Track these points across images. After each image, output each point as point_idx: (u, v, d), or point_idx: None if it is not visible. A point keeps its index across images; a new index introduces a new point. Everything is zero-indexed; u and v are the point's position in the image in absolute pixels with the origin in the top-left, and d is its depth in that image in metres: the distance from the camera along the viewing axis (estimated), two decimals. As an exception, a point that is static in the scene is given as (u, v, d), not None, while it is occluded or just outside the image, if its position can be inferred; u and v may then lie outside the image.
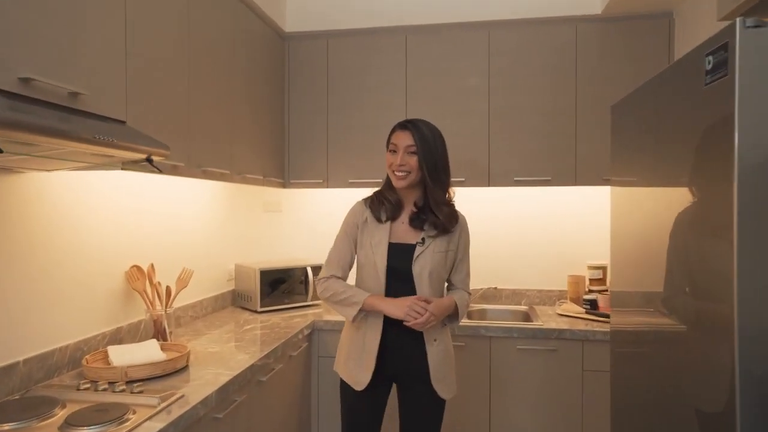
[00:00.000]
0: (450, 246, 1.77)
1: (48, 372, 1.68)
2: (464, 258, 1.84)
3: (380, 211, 1.76)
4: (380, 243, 1.74)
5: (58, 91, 1.29)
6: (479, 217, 3.07)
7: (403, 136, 1.71)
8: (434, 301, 1.69)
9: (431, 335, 1.74)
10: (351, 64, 2.89)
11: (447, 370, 1.78)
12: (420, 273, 1.72)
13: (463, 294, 1.83)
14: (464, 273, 1.85)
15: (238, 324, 2.51)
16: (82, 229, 1.84)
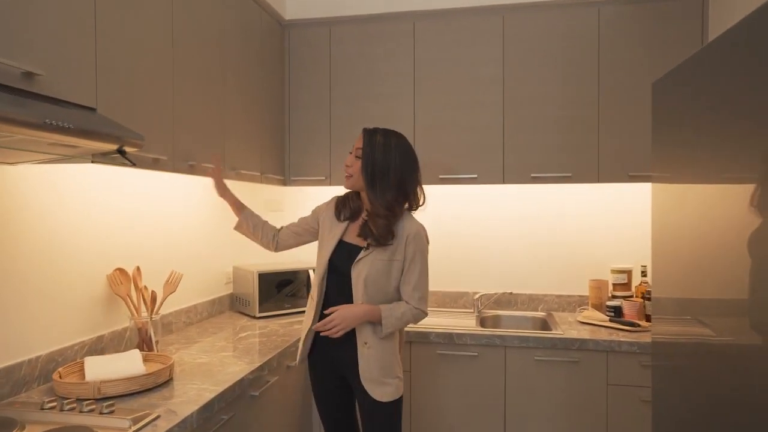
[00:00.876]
0: (395, 255, 1.74)
1: (15, 387, 1.52)
2: (412, 270, 1.75)
3: (340, 212, 1.81)
4: (332, 239, 1.80)
5: (7, 70, 1.12)
6: (493, 216, 2.87)
7: (359, 139, 1.74)
8: (341, 308, 1.70)
9: (362, 338, 1.74)
10: (355, 54, 2.70)
11: (379, 373, 1.74)
12: (357, 277, 1.73)
13: (399, 306, 1.75)
14: (411, 285, 1.75)
15: (234, 331, 2.34)
16: (56, 229, 1.68)
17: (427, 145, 2.62)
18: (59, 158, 1.38)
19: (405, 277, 1.75)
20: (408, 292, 1.76)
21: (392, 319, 1.72)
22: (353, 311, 1.70)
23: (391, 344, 1.79)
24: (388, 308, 1.72)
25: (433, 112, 2.62)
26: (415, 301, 1.76)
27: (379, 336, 1.73)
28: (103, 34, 1.43)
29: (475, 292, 2.85)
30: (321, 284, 1.80)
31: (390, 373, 1.76)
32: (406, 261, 1.74)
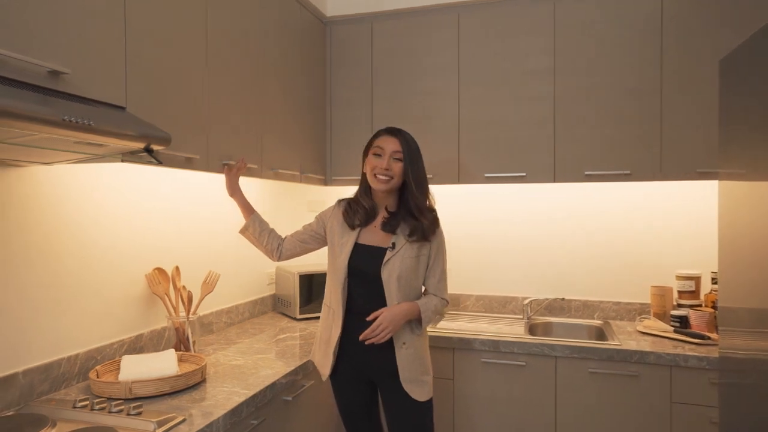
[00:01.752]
0: (422, 251, 1.75)
1: (54, 384, 1.54)
2: (437, 262, 1.79)
3: (353, 219, 1.77)
4: (347, 243, 1.75)
5: (33, 69, 1.12)
6: (544, 217, 2.71)
7: (391, 142, 1.72)
8: (385, 311, 1.66)
9: (400, 339, 1.72)
10: (397, 49, 2.62)
11: (418, 372, 1.73)
12: (389, 278, 1.70)
13: (431, 299, 1.77)
14: (437, 278, 1.79)
15: (273, 332, 2.31)
16: (97, 228, 1.71)
17: (472, 143, 2.50)
18: (90, 157, 1.38)
19: (431, 271, 1.78)
20: (434, 284, 1.79)
21: (429, 312, 1.73)
22: (397, 312, 1.67)
23: (423, 340, 1.79)
24: (423, 302, 1.73)
25: (479, 108, 2.50)
26: (441, 292, 1.80)
27: (417, 333, 1.74)
28: (134, 31, 1.42)
29: (524, 298, 2.69)
30: (342, 292, 1.73)
31: (426, 370, 1.76)
32: (431, 257, 1.77)
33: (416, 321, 1.72)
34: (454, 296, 2.83)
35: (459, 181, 2.52)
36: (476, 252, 2.81)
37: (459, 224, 2.84)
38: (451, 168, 2.53)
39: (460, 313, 2.78)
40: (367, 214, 1.76)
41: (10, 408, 1.41)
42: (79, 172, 1.63)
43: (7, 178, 1.42)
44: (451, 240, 2.85)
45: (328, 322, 1.79)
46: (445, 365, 2.28)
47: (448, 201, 2.84)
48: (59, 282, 1.57)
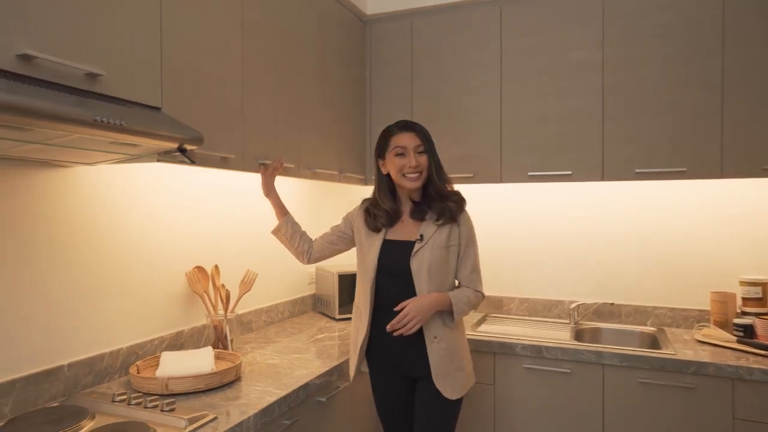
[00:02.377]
0: (451, 240, 1.69)
1: (97, 377, 1.59)
2: (468, 252, 1.73)
3: (376, 223, 1.73)
4: (375, 241, 1.72)
5: (70, 72, 1.15)
6: (591, 216, 2.58)
7: (409, 138, 1.70)
8: (411, 301, 1.61)
9: (431, 332, 1.66)
10: (437, 46, 2.57)
11: (450, 369, 1.67)
12: (419, 270, 1.65)
13: (464, 290, 1.71)
14: (469, 268, 1.73)
15: (312, 332, 2.31)
16: (139, 227, 1.75)
17: (515, 140, 2.42)
18: (128, 158, 1.41)
19: (462, 261, 1.72)
20: (467, 275, 1.72)
21: (461, 304, 1.66)
22: (425, 302, 1.62)
23: (458, 333, 1.73)
24: (455, 294, 1.67)
25: (522, 104, 2.40)
26: (475, 283, 1.73)
27: (449, 326, 1.68)
28: (170, 32, 1.45)
29: (571, 301, 2.57)
30: (370, 290, 1.71)
31: (460, 366, 1.70)
32: (461, 245, 1.71)
33: (448, 313, 1.66)
34: (495, 299, 2.75)
35: (501, 180, 2.44)
36: (519, 253, 2.71)
37: (501, 224, 2.75)
38: (492, 166, 2.45)
39: (502, 317, 2.69)
40: (390, 216, 1.72)
41: (56, 399, 1.47)
42: (121, 172, 1.68)
43: (52, 179, 1.47)
44: (492, 240, 2.79)
45: (356, 324, 1.78)
46: (485, 370, 2.20)
47: (490, 199, 2.76)
48: (103, 279, 1.63)
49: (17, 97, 0.96)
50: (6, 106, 0.94)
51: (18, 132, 1.02)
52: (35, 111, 0.98)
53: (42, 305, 1.45)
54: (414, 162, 1.67)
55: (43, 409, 1.38)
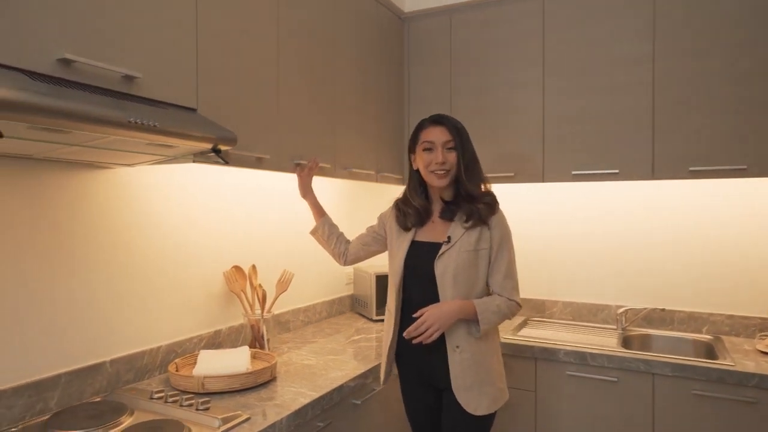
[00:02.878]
0: (481, 243, 1.56)
1: (138, 374, 1.63)
2: (501, 256, 1.59)
3: (405, 222, 1.66)
4: (404, 242, 1.65)
5: (107, 75, 1.17)
6: (639, 217, 2.45)
7: (439, 132, 1.59)
8: (430, 307, 1.51)
9: (453, 341, 1.55)
10: (477, 42, 2.50)
11: (475, 382, 1.54)
12: (443, 273, 1.55)
13: (494, 299, 1.57)
14: (502, 274, 1.58)
15: (349, 333, 2.30)
16: (177, 227, 1.78)
17: (558, 137, 2.32)
18: (165, 159, 1.43)
19: (494, 266, 1.58)
20: (499, 282, 1.58)
21: (488, 313, 1.52)
22: (445, 309, 1.51)
23: (488, 345, 1.58)
24: (482, 302, 1.54)
25: (565, 100, 2.31)
26: (508, 291, 1.57)
27: (475, 336, 1.54)
28: (205, 34, 1.46)
29: (618, 306, 2.45)
30: (398, 293, 1.63)
31: (487, 380, 1.55)
32: (492, 249, 1.57)
33: (475, 323, 1.54)
34: (537, 302, 2.65)
35: (543, 179, 2.35)
36: (563, 254, 2.61)
37: (543, 224, 2.65)
38: (534, 165, 2.37)
39: (544, 320, 2.60)
40: (420, 215, 1.64)
41: (98, 394, 1.51)
42: (160, 173, 1.71)
43: (96, 180, 1.51)
44: (534, 240, 2.70)
45: (386, 326, 1.72)
46: (526, 376, 2.13)
47: (532, 198, 2.67)
48: (143, 278, 1.66)
49: (59, 101, 0.98)
50: (48, 110, 0.96)
51: (57, 134, 1.05)
52: (76, 114, 1.00)
53: (86, 303, 1.49)
54: (440, 158, 1.56)
55: (86, 404, 1.42)
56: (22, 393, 1.33)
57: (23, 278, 1.34)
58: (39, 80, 1.03)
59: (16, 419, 1.32)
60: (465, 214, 1.57)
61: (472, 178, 1.58)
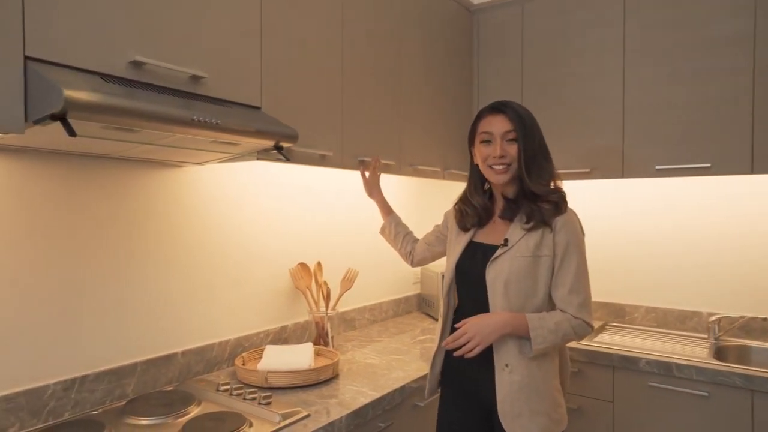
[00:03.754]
0: (542, 250, 1.35)
1: (207, 365, 1.69)
2: (566, 266, 1.35)
3: (464, 221, 1.51)
4: (460, 242, 1.50)
5: (175, 75, 1.21)
6: (733, 214, 2.22)
7: (498, 122, 1.39)
8: (474, 318, 1.34)
9: (501, 359, 1.35)
10: (550, 31, 2.37)
11: (525, 410, 1.32)
12: (494, 280, 1.37)
13: (553, 315, 1.34)
14: (567, 287, 1.34)
15: (414, 333, 2.26)
16: (246, 224, 1.83)
17: (639, 130, 2.15)
18: (230, 157, 1.47)
19: (558, 277, 1.35)
20: (563, 296, 1.35)
21: (543, 330, 1.30)
22: (489, 321, 1.32)
23: (544, 367, 1.36)
24: (537, 317, 1.33)
25: (648, 89, 2.13)
26: (574, 308, 1.33)
27: (527, 355, 1.33)
28: (270, 33, 1.48)
29: (710, 314, 2.23)
30: (447, 297, 1.50)
31: (540, 409, 1.33)
32: (556, 257, 1.35)
33: (528, 340, 1.32)
34: (616, 306, 2.48)
35: (623, 175, 2.19)
36: (647, 255, 2.42)
37: (623, 221, 2.47)
38: (613, 160, 2.21)
39: (624, 326, 2.41)
40: (480, 214, 1.47)
41: (171, 383, 1.58)
42: (228, 171, 1.76)
43: (168, 178, 1.58)
44: (614, 240, 2.52)
45: (437, 332, 1.56)
46: (603, 385, 1.99)
47: (610, 194, 2.50)
48: (213, 273, 1.72)
49: (130, 102, 1.02)
50: (119, 110, 1.00)
51: (127, 133, 1.09)
52: (145, 113, 1.04)
53: (161, 296, 1.56)
54: (499, 152, 1.37)
55: (158, 392, 1.49)
56: (103, 379, 1.41)
57: (104, 272, 1.43)
58: (112, 82, 1.08)
59: (98, 403, 1.40)
60: (525, 215, 1.38)
61: (537, 174, 1.37)
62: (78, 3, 1.04)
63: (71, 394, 1.34)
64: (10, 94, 0.94)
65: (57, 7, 1.01)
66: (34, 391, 1.27)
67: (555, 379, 1.39)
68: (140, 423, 1.29)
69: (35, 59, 0.98)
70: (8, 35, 0.94)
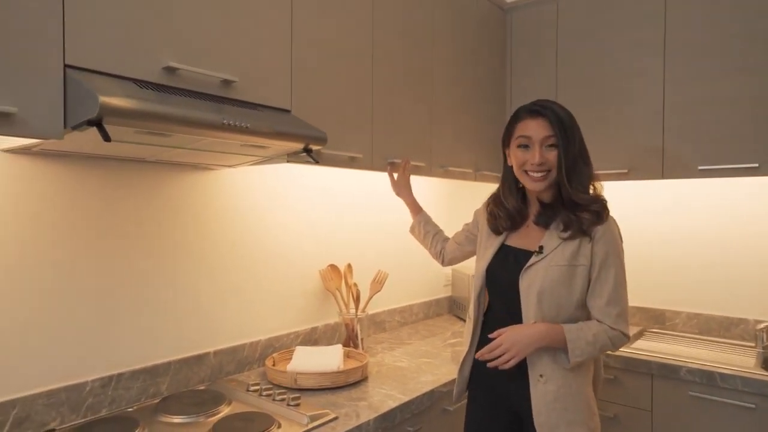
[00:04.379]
0: (579, 259, 1.30)
1: (239, 365, 1.71)
2: (604, 276, 1.30)
3: (496, 224, 1.45)
4: (492, 245, 1.45)
5: (207, 80, 1.24)
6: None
7: (537, 126, 1.32)
8: (509, 329, 1.30)
9: (536, 369, 1.32)
10: (586, 29, 2.31)
11: (562, 420, 1.29)
12: (527, 289, 1.32)
13: (591, 326, 1.30)
14: (604, 298, 1.30)
15: (445, 336, 2.24)
16: (276, 226, 1.85)
17: (681, 129, 2.07)
18: (261, 159, 1.48)
19: (595, 288, 1.31)
20: (600, 307, 1.30)
21: (581, 342, 1.27)
22: (526, 333, 1.28)
23: (580, 376, 1.32)
24: (575, 328, 1.29)
25: (691, 86, 2.05)
26: (612, 319, 1.29)
27: (563, 366, 1.30)
28: (299, 36, 1.49)
29: (758, 321, 2.12)
30: (477, 300, 1.45)
31: (577, 419, 1.29)
32: (594, 266, 1.30)
33: (563, 351, 1.29)
34: (656, 311, 2.39)
35: (663, 176, 2.11)
36: (688, 258, 2.32)
37: (663, 223, 2.38)
38: (653, 160, 2.13)
39: (664, 333, 2.32)
40: (513, 218, 1.42)
41: (203, 382, 1.61)
42: (260, 174, 1.78)
43: (201, 181, 1.61)
44: (654, 243, 2.43)
45: (466, 337, 1.51)
46: (641, 393, 1.92)
47: (649, 196, 2.41)
48: (244, 274, 1.74)
49: (163, 107, 1.04)
50: (152, 115, 1.02)
51: (159, 137, 1.12)
52: (177, 118, 1.06)
53: (194, 297, 1.59)
54: (538, 158, 1.30)
55: (190, 391, 1.52)
56: (138, 377, 1.45)
57: (140, 272, 1.46)
58: (146, 87, 1.11)
59: (133, 400, 1.44)
60: (563, 223, 1.32)
61: (577, 182, 1.31)
62: (114, 12, 1.07)
63: (108, 390, 1.38)
64: (51, 101, 0.97)
65: (95, 16, 1.04)
66: (73, 387, 1.32)
67: (589, 386, 1.35)
68: (173, 421, 1.32)
69: (74, 67, 1.01)
70: (50, 45, 0.97)
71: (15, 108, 0.91)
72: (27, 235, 1.25)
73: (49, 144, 1.14)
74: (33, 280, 1.26)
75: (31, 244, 1.26)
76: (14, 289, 1.23)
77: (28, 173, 1.26)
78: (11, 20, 0.92)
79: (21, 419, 1.23)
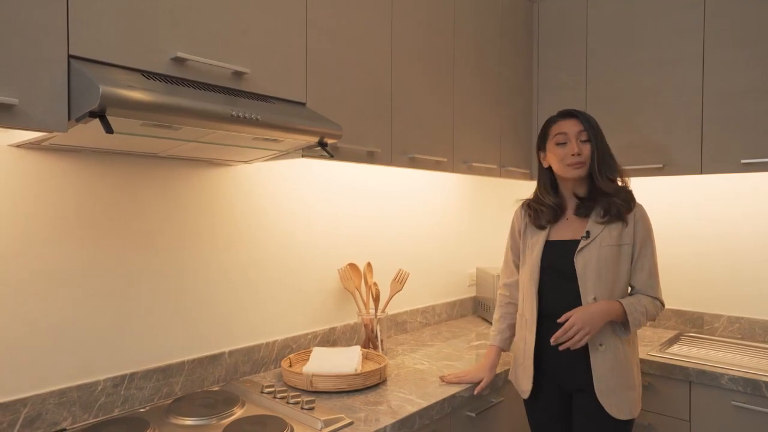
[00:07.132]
0: (624, 239, 1.51)
1: (254, 366, 1.67)
2: (644, 253, 1.52)
3: (540, 219, 1.60)
4: (538, 242, 1.59)
5: (217, 71, 1.19)
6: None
7: (571, 124, 1.55)
8: (577, 311, 1.43)
9: (596, 338, 1.48)
10: (617, 15, 2.20)
11: (619, 386, 1.47)
12: (584, 269, 1.49)
13: (640, 299, 1.50)
14: (645, 272, 1.52)
15: (468, 338, 2.16)
16: (295, 224, 1.80)
17: (721, 120, 1.94)
18: (275, 154, 1.43)
19: (637, 264, 1.52)
20: (643, 280, 1.52)
21: (637, 314, 1.47)
22: (594, 311, 1.43)
23: (630, 347, 1.52)
24: (630, 302, 1.47)
25: (732, 74, 1.92)
26: (654, 290, 1.52)
27: (621, 336, 1.48)
28: (315, 28, 1.44)
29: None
30: (535, 296, 1.55)
31: (630, 384, 1.48)
32: (635, 245, 1.52)
33: (621, 324, 1.49)
34: (694, 315, 2.26)
35: (701, 171, 1.98)
36: (729, 259, 2.19)
37: (701, 221, 2.25)
38: (689, 154, 2.01)
39: (703, 337, 2.19)
40: (554, 211, 1.58)
41: (218, 383, 1.57)
42: (277, 170, 1.74)
43: (216, 177, 1.58)
44: (691, 242, 2.30)
45: (522, 333, 1.61)
46: (678, 402, 1.80)
47: (686, 193, 2.28)
48: (261, 272, 1.70)
49: (170, 98, 1.00)
50: (159, 107, 0.98)
51: (166, 130, 1.08)
52: (184, 110, 1.02)
53: (209, 295, 1.56)
54: (576, 149, 1.51)
55: (204, 392, 1.48)
56: (151, 376, 1.42)
57: (153, 270, 1.43)
58: (154, 79, 1.07)
59: (146, 400, 1.41)
60: (602, 209, 1.52)
61: (608, 172, 1.52)
62: (121, 0, 1.04)
63: (120, 390, 1.36)
64: (54, 92, 0.94)
65: (100, 4, 1.01)
66: (85, 386, 1.30)
67: (636, 356, 1.54)
68: (184, 423, 1.28)
69: (79, 58, 0.98)
70: (53, 35, 0.94)
71: (16, 99, 0.88)
72: (38, 231, 1.23)
73: (58, 139, 1.12)
74: (45, 277, 1.24)
75: (43, 241, 1.24)
76: (26, 287, 1.21)
77: (40, 169, 1.24)
78: (13, 8, 0.89)
79: (32, 418, 1.21)
